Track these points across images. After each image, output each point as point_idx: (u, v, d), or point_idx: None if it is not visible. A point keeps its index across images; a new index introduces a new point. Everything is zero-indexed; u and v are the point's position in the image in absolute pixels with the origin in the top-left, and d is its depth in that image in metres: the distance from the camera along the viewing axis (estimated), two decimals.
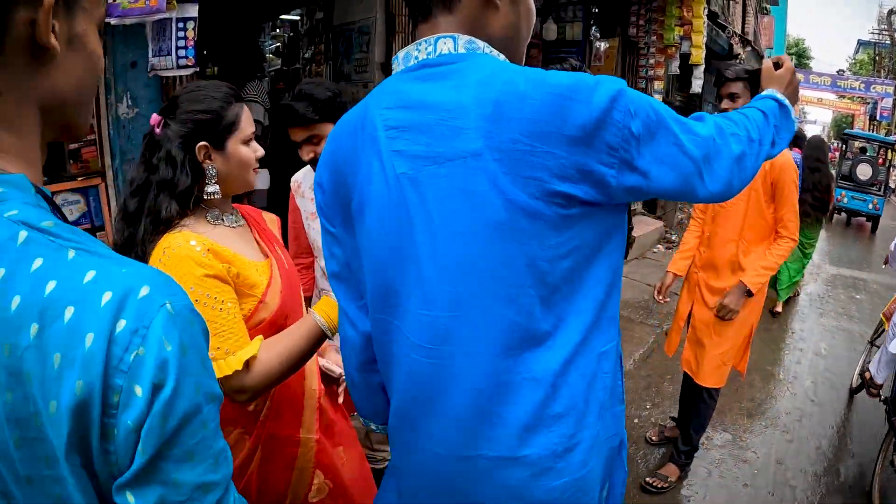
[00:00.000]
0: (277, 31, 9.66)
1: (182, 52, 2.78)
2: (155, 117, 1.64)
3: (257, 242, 1.79)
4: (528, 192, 1.05)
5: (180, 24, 2.76)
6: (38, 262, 0.66)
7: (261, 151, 1.73)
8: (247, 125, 1.67)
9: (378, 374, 1.37)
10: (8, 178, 0.70)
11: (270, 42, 9.65)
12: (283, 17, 8.88)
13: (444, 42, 1.16)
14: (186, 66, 2.83)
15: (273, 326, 1.65)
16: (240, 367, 1.43)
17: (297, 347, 1.53)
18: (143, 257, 1.55)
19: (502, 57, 1.19)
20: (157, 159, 1.58)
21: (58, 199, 3.47)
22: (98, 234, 3.72)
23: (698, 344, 3.44)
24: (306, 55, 8.01)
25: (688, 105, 12.68)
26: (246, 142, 1.67)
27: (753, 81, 3.06)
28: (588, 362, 1.16)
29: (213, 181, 1.63)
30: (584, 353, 1.15)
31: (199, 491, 0.70)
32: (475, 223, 1.08)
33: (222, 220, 1.68)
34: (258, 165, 1.73)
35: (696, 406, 3.55)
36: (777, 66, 1.58)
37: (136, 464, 0.66)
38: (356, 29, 4.87)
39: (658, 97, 8.99)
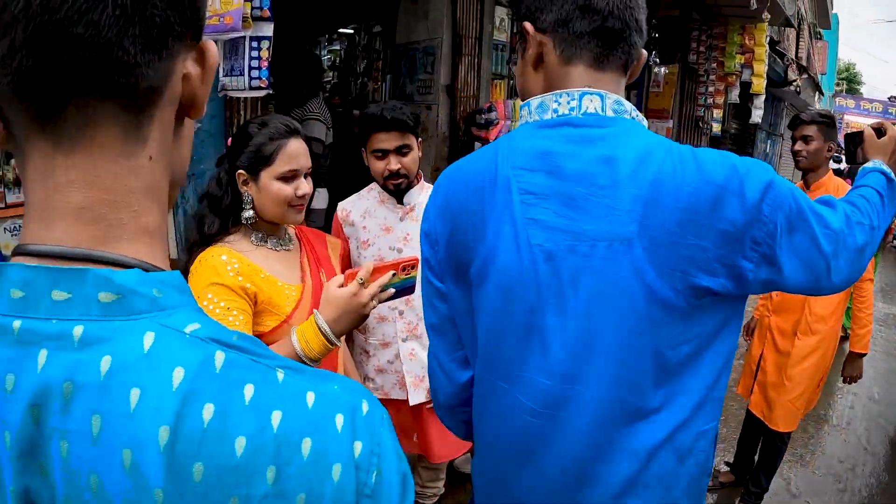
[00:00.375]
0: (334, 44, 9.59)
1: (255, 73, 2.64)
2: (230, 140, 1.82)
3: (301, 266, 1.88)
4: (670, 284, 1.01)
5: (254, 44, 2.62)
6: (249, 391, 0.52)
7: (304, 189, 1.76)
8: (283, 163, 1.72)
9: (462, 414, 1.38)
10: (164, 276, 0.55)
11: (326, 55, 9.59)
12: (339, 30, 8.82)
13: (590, 99, 1.08)
14: (259, 88, 2.69)
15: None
16: None
17: None
18: (188, 264, 1.70)
19: (645, 123, 1.14)
20: (214, 178, 1.80)
21: None
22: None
23: (770, 388, 3.36)
24: (361, 69, 7.92)
25: (742, 133, 12.41)
26: (282, 178, 1.72)
27: (828, 126, 3.10)
28: (686, 440, 1.12)
29: (249, 207, 1.74)
30: (684, 430, 1.11)
31: None
32: (609, 309, 1.04)
33: (265, 242, 1.79)
34: (299, 203, 1.77)
35: (768, 450, 3.49)
36: (879, 132, 1.52)
37: None
38: (421, 49, 4.73)
39: (716, 126, 8.76)
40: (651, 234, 0.99)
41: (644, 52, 1.17)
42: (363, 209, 2.49)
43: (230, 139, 1.82)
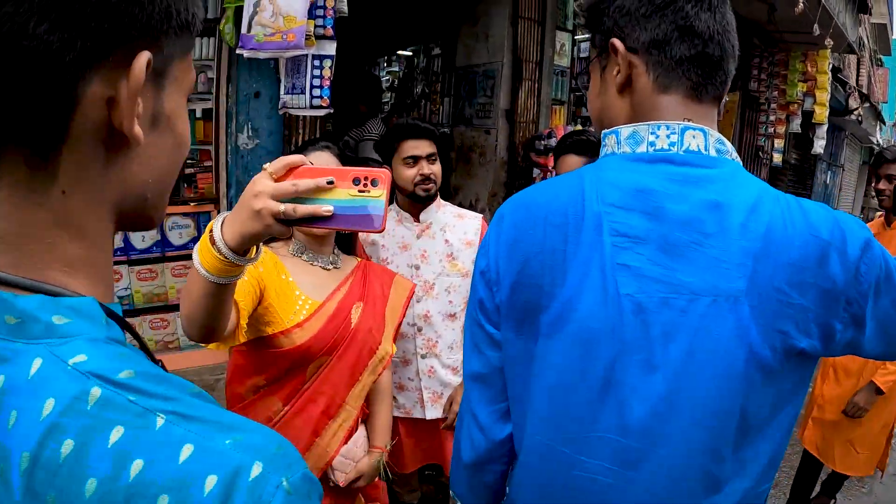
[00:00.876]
0: (393, 65, 9.63)
1: (316, 92, 2.60)
2: None
3: (336, 290, 1.88)
4: (772, 345, 0.93)
5: (316, 62, 2.58)
6: (117, 433, 0.48)
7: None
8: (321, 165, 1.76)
9: (490, 473, 1.24)
10: (73, 302, 0.53)
11: (385, 76, 9.63)
12: (399, 52, 8.84)
13: (692, 135, 0.98)
14: (320, 107, 2.65)
15: (288, 357, 1.77)
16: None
17: (187, 280, 1.25)
18: None
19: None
20: None
21: (169, 222, 3.45)
22: None
23: (827, 425, 3.23)
24: (418, 91, 7.90)
25: (802, 164, 12.02)
26: None
27: None
28: (747, 503, 1.04)
29: None
30: (747, 496, 1.03)
31: None
32: (705, 370, 0.94)
33: (301, 254, 1.88)
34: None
35: (831, 482, 3.47)
36: None
37: None
38: (480, 72, 4.67)
39: (777, 157, 8.48)
40: (760, 292, 0.91)
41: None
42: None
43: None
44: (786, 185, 9.68)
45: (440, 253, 2.47)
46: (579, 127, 4.50)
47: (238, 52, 2.52)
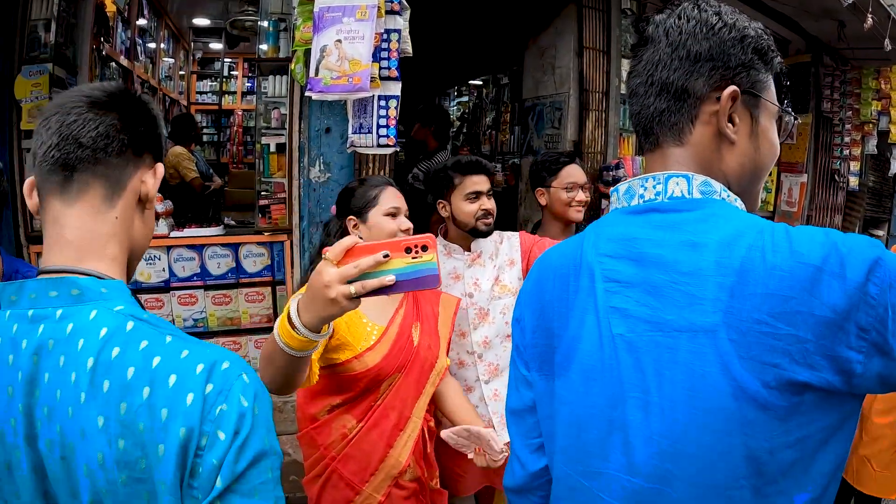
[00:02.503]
0: (463, 96, 9.68)
1: (383, 132, 2.62)
2: (334, 207, 2.16)
3: (395, 313, 2.03)
4: (762, 379, 0.88)
5: (382, 103, 2.60)
6: (144, 343, 0.88)
7: (406, 224, 2.01)
8: (388, 201, 2.00)
9: (535, 497, 1.30)
10: (112, 283, 0.94)
11: (455, 106, 9.68)
12: (469, 82, 8.88)
13: (675, 182, 1.02)
14: (386, 146, 2.66)
15: (363, 379, 1.90)
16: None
17: (266, 348, 1.37)
18: None
19: (739, 203, 1.03)
20: (327, 227, 2.16)
21: (244, 251, 3.55)
22: (278, 287, 3.73)
23: None
24: (488, 121, 7.90)
25: (881, 187, 11.43)
26: (387, 214, 1.99)
27: None
28: None
29: None
30: None
31: None
32: (695, 406, 0.93)
33: None
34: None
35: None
36: None
37: (211, 495, 0.83)
38: (548, 103, 4.60)
39: (853, 180, 8.08)
40: (737, 325, 0.89)
41: (726, 91, 1.01)
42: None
43: (334, 206, 2.17)
44: (863, 208, 9.19)
45: (490, 278, 2.48)
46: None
47: (307, 94, 2.56)
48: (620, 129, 4.69)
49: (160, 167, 1.02)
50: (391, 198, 2.02)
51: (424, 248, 1.15)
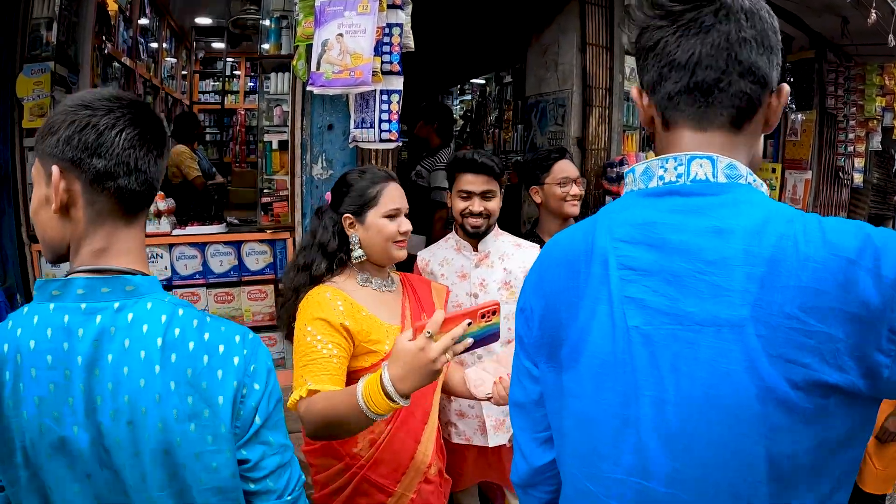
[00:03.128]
0: (465, 94, 9.66)
1: (385, 126, 2.60)
2: (328, 194, 2.07)
3: (403, 309, 2.02)
4: (789, 379, 0.83)
5: (384, 97, 2.58)
6: (195, 322, 1.14)
7: (405, 226, 1.96)
8: (388, 201, 1.94)
9: (537, 496, 1.28)
10: (152, 279, 1.16)
11: (458, 105, 9.67)
12: (471, 80, 8.86)
13: (699, 164, 0.95)
14: (389, 141, 2.65)
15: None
16: (304, 395, 1.66)
17: (335, 409, 1.55)
18: (297, 302, 1.91)
19: (765, 188, 0.98)
20: (319, 226, 2.01)
21: (246, 248, 3.55)
22: (279, 285, 3.72)
23: None
24: (492, 119, 7.88)
25: (886, 184, 11.37)
26: (387, 216, 1.93)
27: None
28: None
29: (357, 247, 1.94)
30: None
31: (281, 447, 1.19)
32: (715, 405, 0.88)
33: (370, 282, 1.98)
34: (402, 239, 1.95)
35: None
36: None
37: (251, 430, 1.14)
38: (551, 100, 4.58)
39: (857, 177, 8.04)
40: (767, 320, 0.83)
41: (784, 88, 1.01)
42: (441, 258, 2.57)
43: (329, 192, 2.07)
44: (867, 206, 9.14)
45: (498, 281, 2.46)
46: (652, 154, 4.35)
47: (308, 88, 2.55)
48: (624, 126, 4.68)
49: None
50: (391, 198, 1.96)
51: (494, 312, 1.40)
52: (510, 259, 2.49)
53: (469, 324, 1.36)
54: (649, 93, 1.02)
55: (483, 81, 8.55)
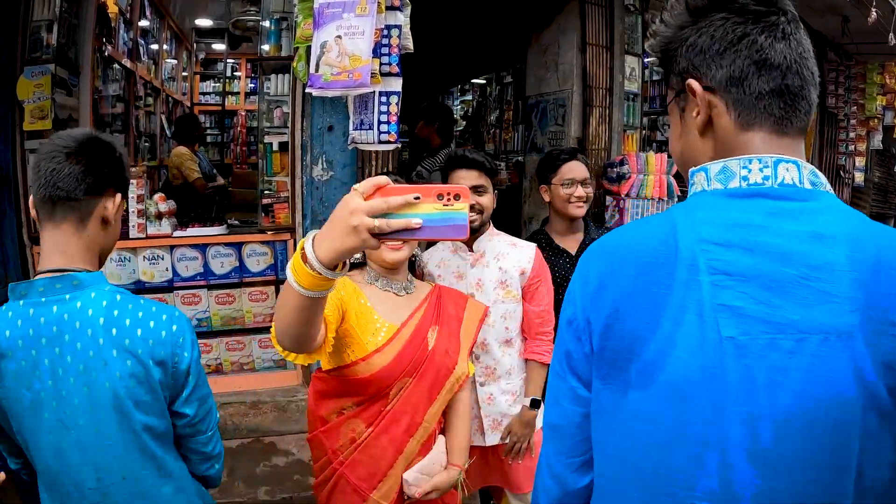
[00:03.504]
0: (466, 94, 9.67)
1: (384, 128, 2.61)
2: None
3: (412, 315, 1.99)
4: (888, 385, 0.81)
5: (383, 99, 2.59)
6: (130, 305, 1.49)
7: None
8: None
9: None
10: (97, 274, 1.52)
11: (458, 105, 9.67)
12: (472, 80, 8.87)
13: (785, 167, 0.92)
14: (388, 142, 2.65)
15: (372, 382, 1.87)
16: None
17: (281, 294, 1.32)
18: None
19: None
20: None
21: (247, 250, 3.57)
22: (281, 286, 3.71)
23: None
24: (492, 119, 7.89)
25: (887, 183, 11.37)
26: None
27: None
28: None
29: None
30: None
31: (209, 398, 1.62)
32: (816, 417, 0.83)
33: (376, 281, 2.02)
34: (396, 243, 1.91)
35: None
36: None
37: (186, 390, 1.54)
38: (551, 100, 4.59)
39: (858, 176, 8.04)
40: (874, 327, 0.81)
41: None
42: (438, 259, 2.55)
43: None
44: (869, 204, 9.14)
45: (494, 281, 2.47)
46: (653, 154, 4.34)
47: (307, 90, 2.56)
48: (624, 126, 4.68)
49: (118, 197, 1.55)
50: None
51: (457, 198, 1.08)
52: (505, 258, 2.50)
53: (417, 198, 1.07)
54: (723, 88, 0.97)
55: (484, 81, 8.56)
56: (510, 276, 2.47)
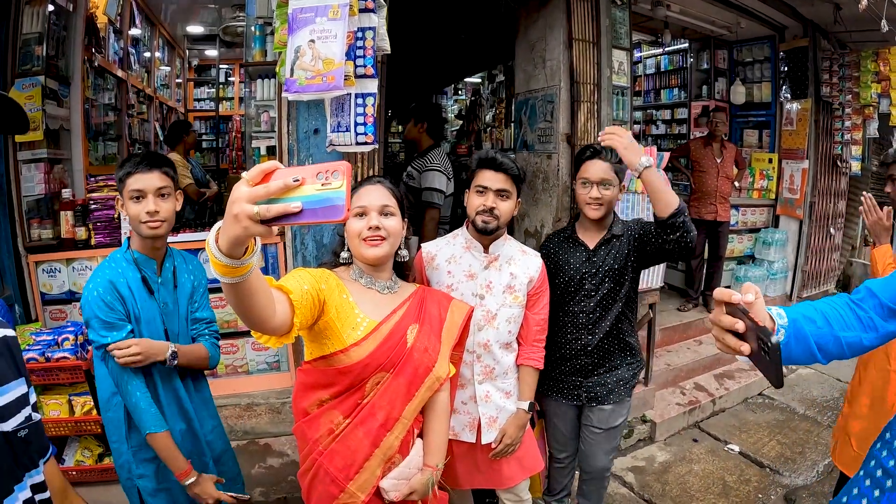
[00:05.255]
0: (460, 94, 9.72)
1: (361, 129, 2.67)
2: None
3: (393, 313, 2.02)
4: None
5: (359, 101, 2.65)
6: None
7: (374, 222, 1.96)
8: (355, 200, 1.99)
9: None
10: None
11: (452, 104, 9.73)
12: (465, 80, 8.93)
13: None
14: (365, 144, 2.72)
15: (348, 374, 1.90)
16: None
17: None
18: None
19: None
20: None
21: None
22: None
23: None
24: (489, 117, 7.95)
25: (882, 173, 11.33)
26: (356, 214, 1.99)
27: None
28: None
29: (346, 248, 2.08)
30: None
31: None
32: None
33: (360, 278, 2.05)
34: (369, 236, 1.96)
35: None
36: None
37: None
38: (540, 97, 4.64)
39: (855, 165, 8.04)
40: None
41: None
42: (449, 254, 2.58)
43: None
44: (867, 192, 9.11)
45: (503, 284, 2.51)
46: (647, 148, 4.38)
47: (283, 94, 2.62)
48: (613, 121, 4.72)
49: None
50: (358, 196, 2.01)
51: (336, 176, 1.06)
52: (516, 264, 2.55)
53: (297, 181, 1.05)
54: None
55: (479, 80, 8.61)
56: (519, 282, 2.53)
